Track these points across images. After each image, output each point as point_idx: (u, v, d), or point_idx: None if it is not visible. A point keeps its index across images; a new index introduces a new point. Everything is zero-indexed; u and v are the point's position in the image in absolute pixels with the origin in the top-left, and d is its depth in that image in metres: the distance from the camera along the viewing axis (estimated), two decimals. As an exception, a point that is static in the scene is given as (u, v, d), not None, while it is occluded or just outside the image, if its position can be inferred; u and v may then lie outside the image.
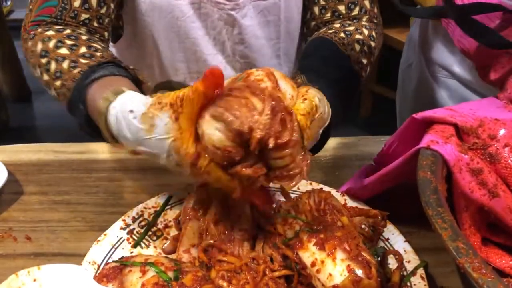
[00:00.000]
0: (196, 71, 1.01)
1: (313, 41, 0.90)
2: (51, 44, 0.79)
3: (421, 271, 0.65)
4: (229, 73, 1.01)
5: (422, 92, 1.09)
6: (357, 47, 0.89)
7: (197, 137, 0.59)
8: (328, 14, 0.95)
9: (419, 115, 0.70)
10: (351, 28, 0.91)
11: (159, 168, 0.90)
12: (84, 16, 0.84)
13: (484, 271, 0.47)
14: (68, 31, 0.81)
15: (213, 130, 0.57)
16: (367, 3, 0.95)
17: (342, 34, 0.89)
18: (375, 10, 0.97)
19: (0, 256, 0.75)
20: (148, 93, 0.73)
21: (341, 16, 0.94)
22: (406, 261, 0.67)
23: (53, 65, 0.77)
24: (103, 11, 0.86)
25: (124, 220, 0.75)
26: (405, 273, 0.66)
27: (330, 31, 0.90)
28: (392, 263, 0.68)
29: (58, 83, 0.77)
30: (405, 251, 0.69)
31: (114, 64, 0.76)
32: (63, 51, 0.77)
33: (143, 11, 0.95)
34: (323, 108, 0.68)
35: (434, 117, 0.68)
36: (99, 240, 0.71)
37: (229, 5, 0.94)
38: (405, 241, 0.70)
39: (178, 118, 0.59)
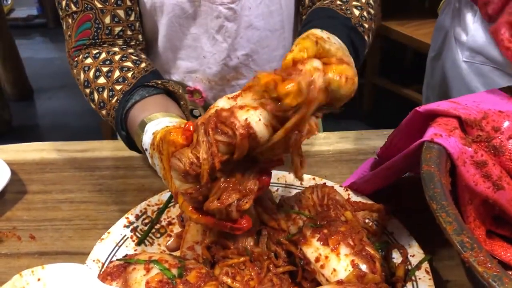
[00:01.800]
0: (195, 69, 1.02)
1: (311, 12, 0.88)
2: (91, 74, 0.85)
3: (425, 265, 0.65)
4: (226, 71, 1.01)
5: (453, 81, 1.07)
6: (356, 12, 0.87)
7: None
8: None
9: (422, 108, 0.69)
10: None
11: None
12: (117, 29, 0.90)
13: (489, 265, 0.47)
14: (103, 55, 0.87)
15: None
16: None
17: (338, 2, 0.87)
18: None
19: (4, 256, 0.75)
20: (181, 99, 0.81)
21: None
22: (410, 255, 0.67)
23: (96, 96, 0.84)
24: (132, 18, 0.91)
25: (127, 218, 0.75)
26: (409, 267, 0.66)
27: (326, 1, 0.88)
28: (397, 257, 0.68)
29: (104, 112, 0.84)
30: (409, 245, 0.69)
31: (144, 85, 0.81)
32: (101, 80, 0.84)
33: (147, 10, 0.95)
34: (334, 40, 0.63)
35: (438, 110, 0.67)
36: (102, 239, 0.71)
37: None
38: (409, 235, 0.70)
39: (162, 159, 0.63)
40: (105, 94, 0.83)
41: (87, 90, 0.86)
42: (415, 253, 0.67)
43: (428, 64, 1.19)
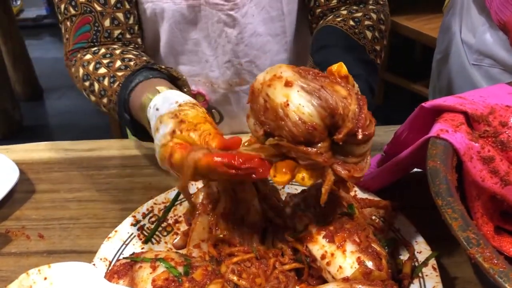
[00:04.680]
0: (197, 73, 1.01)
1: (324, 31, 0.88)
2: (91, 67, 0.85)
3: (432, 261, 0.65)
4: (228, 75, 1.00)
5: (460, 83, 1.05)
6: (369, 34, 0.86)
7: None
8: (334, 0, 0.93)
9: (428, 103, 0.69)
10: (359, 14, 0.89)
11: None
12: (116, 32, 0.90)
13: (496, 261, 0.46)
14: (103, 50, 0.87)
15: (305, 102, 0.55)
16: None
17: (351, 22, 0.87)
18: None
19: (14, 254, 0.76)
20: (185, 86, 0.80)
21: (347, 1, 0.93)
22: (417, 252, 0.67)
23: (96, 86, 0.84)
24: (131, 21, 0.91)
25: (134, 217, 0.75)
26: (416, 264, 0.65)
27: (339, 19, 0.88)
28: (403, 254, 0.68)
29: (105, 100, 0.83)
30: (416, 241, 0.68)
31: (147, 68, 0.80)
32: (102, 70, 0.84)
33: (148, 17, 0.95)
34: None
35: (444, 106, 0.67)
36: (110, 237, 0.71)
37: (228, 6, 0.93)
38: (416, 232, 0.69)
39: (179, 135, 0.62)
40: (105, 82, 0.82)
41: (87, 83, 0.85)
42: (422, 249, 0.67)
43: (434, 66, 1.17)
